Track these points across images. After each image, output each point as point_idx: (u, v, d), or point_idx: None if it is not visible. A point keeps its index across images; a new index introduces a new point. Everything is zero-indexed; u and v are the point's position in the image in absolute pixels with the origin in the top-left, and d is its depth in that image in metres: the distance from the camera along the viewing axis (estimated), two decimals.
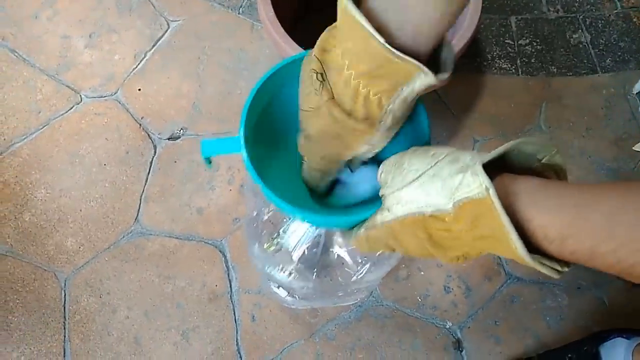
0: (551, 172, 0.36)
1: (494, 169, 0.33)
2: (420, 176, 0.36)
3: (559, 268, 0.32)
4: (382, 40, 0.31)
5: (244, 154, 0.44)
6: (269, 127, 0.51)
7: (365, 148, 0.40)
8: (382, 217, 0.39)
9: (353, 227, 0.46)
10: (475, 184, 0.32)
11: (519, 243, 0.30)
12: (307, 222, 0.51)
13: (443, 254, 0.36)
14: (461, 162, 0.34)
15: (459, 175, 0.33)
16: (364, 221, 0.44)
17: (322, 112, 0.38)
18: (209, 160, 0.49)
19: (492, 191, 0.31)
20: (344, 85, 0.36)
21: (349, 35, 0.34)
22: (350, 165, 0.47)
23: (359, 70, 0.34)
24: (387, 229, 0.39)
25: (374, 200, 0.51)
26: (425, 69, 0.32)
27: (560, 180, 0.36)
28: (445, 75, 0.34)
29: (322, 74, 0.37)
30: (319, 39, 0.38)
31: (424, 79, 0.33)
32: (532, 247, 0.32)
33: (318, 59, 0.37)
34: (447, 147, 0.37)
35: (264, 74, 0.47)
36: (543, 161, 0.36)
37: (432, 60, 0.36)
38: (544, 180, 0.34)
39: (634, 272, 0.29)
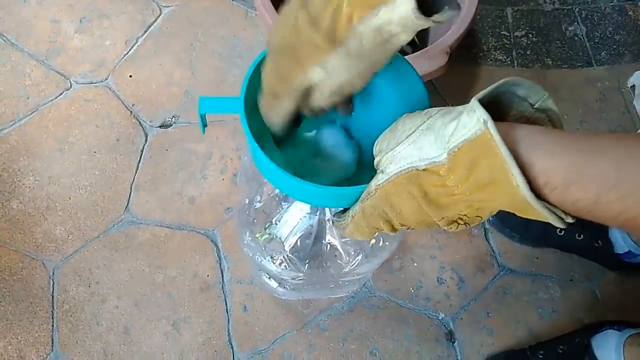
0: (547, 121, 0.35)
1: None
2: (413, 132, 0.35)
3: (563, 216, 0.30)
4: None
5: (241, 114, 0.43)
6: None
7: (318, 72, 0.36)
8: (376, 181, 0.37)
9: (346, 210, 0.43)
10: (471, 121, 0.30)
11: (522, 180, 0.28)
12: (298, 197, 0.49)
13: (439, 214, 0.34)
14: (454, 111, 0.33)
15: (452, 122, 0.32)
16: (358, 198, 0.41)
17: (287, 18, 0.36)
18: (204, 122, 0.47)
19: (490, 123, 0.29)
20: None
21: None
22: (310, 113, 0.43)
23: None
24: (381, 193, 0.37)
25: (358, 178, 0.50)
26: None
27: (561, 129, 0.34)
28: (441, 17, 0.31)
29: None
30: None
31: (405, 6, 0.30)
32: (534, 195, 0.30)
33: None
34: (440, 107, 0.36)
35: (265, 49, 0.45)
36: (536, 106, 0.34)
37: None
38: (543, 127, 0.33)
39: (637, 224, 0.28)
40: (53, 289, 0.88)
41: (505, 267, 0.92)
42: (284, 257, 0.71)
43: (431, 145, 0.33)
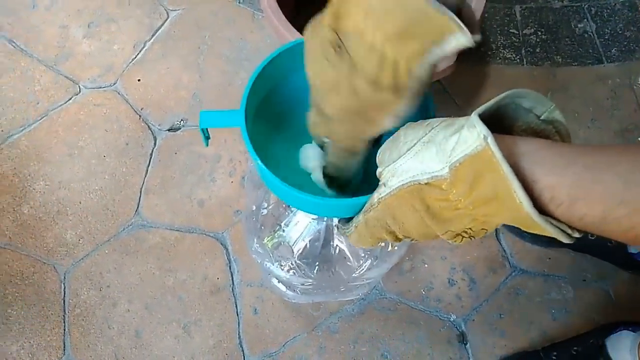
0: (553, 133, 0.34)
1: (492, 130, 0.31)
2: (414, 145, 0.34)
3: (570, 232, 0.30)
4: None
5: (242, 127, 0.42)
6: (271, 114, 0.49)
7: (391, 121, 0.37)
8: (378, 194, 0.37)
9: (351, 219, 0.43)
10: (472, 137, 0.29)
11: (523, 195, 0.28)
12: (301, 206, 0.48)
13: (443, 228, 0.34)
14: (456, 124, 0.32)
15: (454, 136, 0.31)
16: (361, 209, 0.41)
17: (343, 87, 0.35)
18: (206, 135, 0.47)
19: (490, 139, 0.28)
20: (368, 51, 0.33)
21: None
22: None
23: (387, 30, 0.31)
24: (384, 206, 0.37)
25: (364, 183, 0.50)
26: (464, 26, 0.30)
27: (567, 142, 0.33)
28: (478, 37, 0.31)
29: (337, 44, 0.34)
30: (328, 6, 0.35)
31: (459, 39, 0.30)
32: (538, 212, 0.29)
33: (331, 27, 0.34)
34: (442, 118, 0.35)
35: (269, 55, 0.45)
36: (542, 117, 0.33)
37: None
38: (549, 141, 0.32)
39: None
40: (64, 293, 0.88)
41: (517, 267, 0.91)
42: (292, 263, 0.70)
43: (433, 158, 0.32)
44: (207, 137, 0.48)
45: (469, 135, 0.30)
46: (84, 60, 1.03)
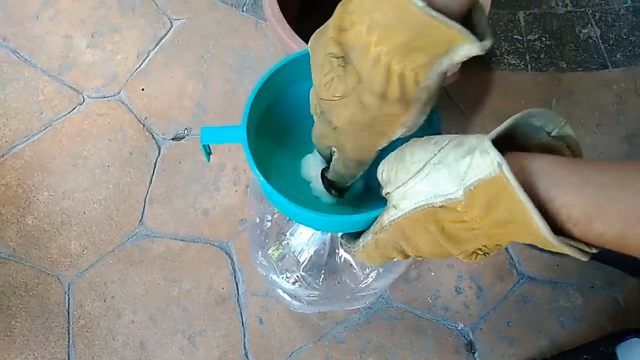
0: (564, 148, 0.33)
1: (504, 148, 0.30)
2: (424, 166, 0.33)
3: (587, 249, 0.29)
4: (421, 3, 0.28)
5: (244, 143, 0.42)
6: (274, 126, 0.49)
7: (400, 132, 0.37)
8: (389, 216, 0.36)
9: (358, 238, 0.42)
10: (485, 163, 0.29)
11: (542, 222, 0.27)
12: (307, 224, 0.48)
13: (459, 248, 0.33)
14: (466, 145, 0.31)
15: (466, 158, 0.31)
16: (368, 228, 0.40)
17: (350, 100, 0.35)
18: (208, 151, 0.47)
19: (505, 167, 0.28)
20: (373, 65, 0.32)
21: (377, 5, 0.30)
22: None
23: (392, 44, 0.31)
24: (396, 228, 0.36)
25: (374, 196, 0.49)
26: (472, 35, 0.29)
27: (580, 158, 0.33)
28: (488, 44, 0.30)
29: (342, 57, 0.33)
30: (332, 18, 0.34)
31: (468, 48, 0.29)
32: (555, 230, 0.29)
33: (335, 40, 0.33)
34: (449, 134, 0.34)
35: (270, 68, 0.45)
36: (553, 134, 0.33)
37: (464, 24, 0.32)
38: (562, 157, 0.31)
39: None
40: (69, 305, 0.88)
41: (524, 274, 0.90)
42: (298, 275, 0.70)
43: (446, 181, 0.32)
44: (209, 153, 0.47)
45: (482, 161, 0.29)
46: (88, 70, 1.03)
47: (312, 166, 0.50)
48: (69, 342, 0.85)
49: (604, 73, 1.06)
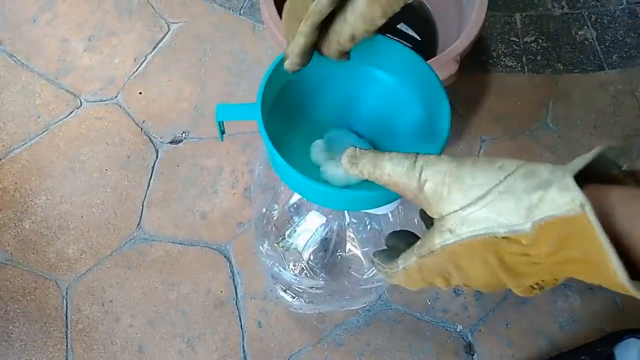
0: (631, 181, 0.32)
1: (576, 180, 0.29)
2: (488, 192, 0.31)
3: None
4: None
5: (259, 120, 0.42)
6: (286, 110, 0.49)
7: None
8: (442, 239, 0.33)
9: (394, 258, 0.39)
10: (563, 200, 0.27)
11: (621, 269, 0.26)
12: (316, 198, 0.48)
13: (517, 282, 0.32)
14: (538, 177, 0.29)
15: (537, 191, 0.29)
16: (406, 250, 0.37)
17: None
18: (222, 129, 0.47)
19: (588, 208, 0.26)
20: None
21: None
22: (335, 48, 0.39)
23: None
24: (448, 254, 0.33)
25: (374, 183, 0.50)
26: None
27: None
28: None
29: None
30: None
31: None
32: (628, 265, 0.27)
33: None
34: (514, 159, 0.32)
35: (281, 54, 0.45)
36: (624, 168, 0.31)
37: None
38: (636, 189, 0.29)
39: None
40: (67, 309, 0.87)
41: None
42: (303, 265, 0.70)
43: (512, 212, 0.30)
44: (223, 132, 0.47)
45: (558, 197, 0.28)
46: (85, 73, 1.03)
47: (321, 151, 0.50)
48: (67, 346, 0.85)
49: (600, 75, 1.06)
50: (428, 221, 0.39)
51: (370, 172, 0.36)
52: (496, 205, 0.30)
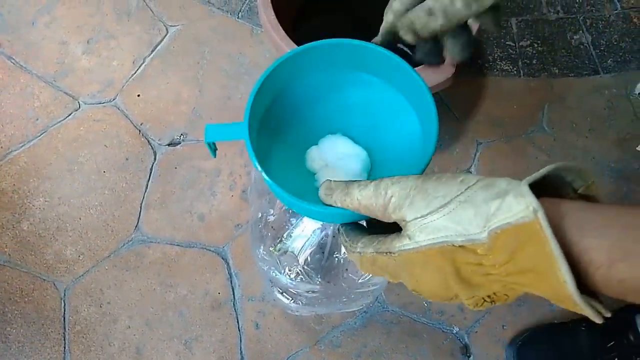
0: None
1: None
2: (449, 202, 0.32)
3: (603, 311, 0.28)
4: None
5: (246, 140, 0.43)
6: (276, 121, 0.50)
7: None
8: (400, 244, 0.34)
9: (359, 235, 0.41)
10: (518, 206, 0.28)
11: (569, 274, 0.26)
12: (308, 215, 0.49)
13: (469, 292, 0.32)
14: (497, 188, 0.30)
15: (495, 200, 0.30)
16: (369, 237, 0.38)
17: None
18: (212, 148, 0.47)
19: (541, 213, 0.27)
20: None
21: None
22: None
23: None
24: (404, 259, 0.34)
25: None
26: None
27: (605, 203, 0.32)
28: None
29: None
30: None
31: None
32: (576, 278, 0.28)
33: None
34: (476, 175, 0.33)
35: (270, 65, 0.46)
36: (579, 191, 0.32)
37: None
38: (589, 203, 0.30)
39: None
40: (64, 310, 0.88)
41: None
42: (299, 270, 0.71)
43: (470, 220, 0.30)
44: (215, 149, 0.48)
45: (514, 204, 0.28)
46: (84, 76, 1.03)
47: (316, 158, 0.51)
48: (64, 348, 0.85)
49: (595, 79, 1.07)
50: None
51: (342, 201, 0.38)
52: (456, 214, 0.31)
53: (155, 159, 0.97)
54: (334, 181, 0.39)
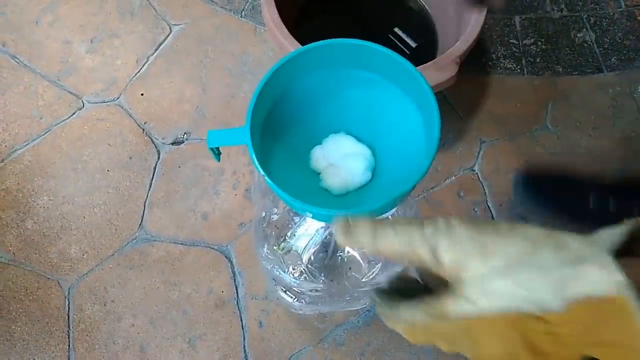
0: None
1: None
2: (515, 264, 0.28)
3: None
4: None
5: (248, 144, 0.43)
6: (280, 122, 0.50)
7: None
8: (459, 307, 0.29)
9: (398, 300, 0.34)
10: (601, 279, 0.26)
11: None
12: (312, 216, 0.49)
13: None
14: (569, 250, 0.27)
15: (570, 268, 0.27)
16: (411, 301, 0.33)
17: None
18: (216, 153, 0.47)
19: (631, 292, 0.24)
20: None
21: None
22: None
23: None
24: (465, 325, 0.30)
25: (372, 186, 0.50)
26: None
27: None
28: None
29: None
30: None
31: None
32: None
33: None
34: (536, 226, 0.30)
35: (270, 68, 0.46)
36: None
37: None
38: None
39: None
40: (69, 309, 0.88)
41: None
42: (302, 268, 0.71)
43: (543, 287, 0.27)
44: (218, 154, 0.48)
45: (595, 275, 0.26)
46: (87, 75, 1.04)
47: (320, 158, 0.51)
48: (69, 346, 0.86)
49: (599, 77, 1.07)
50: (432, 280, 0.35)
51: (370, 245, 0.31)
52: (522, 278, 0.28)
53: (159, 157, 0.97)
54: (352, 219, 0.31)
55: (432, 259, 0.30)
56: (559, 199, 0.90)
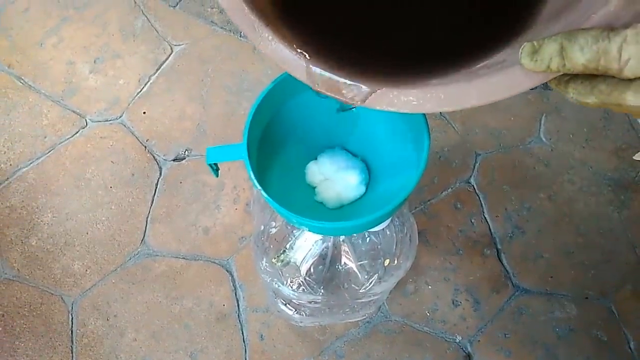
0: None
1: None
2: None
3: None
4: None
5: (245, 160, 0.45)
6: (276, 138, 0.51)
7: None
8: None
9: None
10: None
11: None
12: (309, 229, 0.50)
13: None
14: None
15: None
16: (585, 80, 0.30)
17: None
18: (214, 168, 0.49)
19: None
20: None
21: None
22: None
23: None
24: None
25: (366, 199, 0.52)
26: None
27: None
28: None
29: None
30: None
31: None
32: None
33: None
34: None
35: (267, 87, 0.47)
36: None
37: None
38: None
39: None
40: (72, 324, 0.89)
41: (519, 287, 0.92)
42: (301, 281, 0.72)
43: None
44: (217, 169, 0.50)
45: None
46: (91, 94, 1.06)
47: (316, 173, 0.52)
48: None
49: None
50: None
51: (559, 66, 0.29)
52: None
53: (160, 174, 0.99)
54: (537, 42, 0.29)
55: (618, 70, 0.27)
56: None
